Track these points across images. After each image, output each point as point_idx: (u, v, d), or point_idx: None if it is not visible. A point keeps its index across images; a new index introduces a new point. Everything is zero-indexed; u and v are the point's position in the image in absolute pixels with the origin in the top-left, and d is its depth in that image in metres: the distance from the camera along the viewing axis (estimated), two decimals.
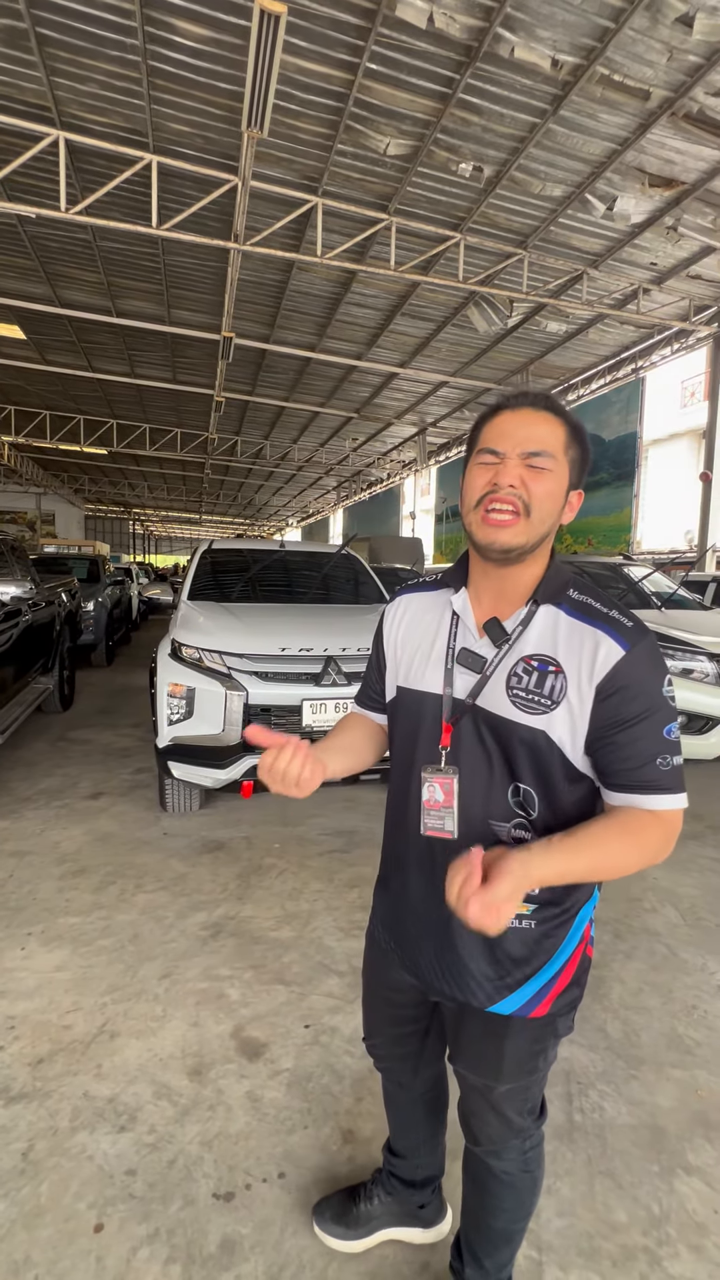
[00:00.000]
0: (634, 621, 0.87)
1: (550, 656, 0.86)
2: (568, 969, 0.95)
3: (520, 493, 0.85)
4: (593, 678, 0.83)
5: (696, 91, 5.41)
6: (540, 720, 0.85)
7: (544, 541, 0.89)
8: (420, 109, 5.75)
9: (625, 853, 0.83)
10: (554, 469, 0.86)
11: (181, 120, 6.06)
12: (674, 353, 10.20)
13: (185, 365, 12.49)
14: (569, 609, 0.88)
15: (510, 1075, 0.98)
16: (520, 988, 0.93)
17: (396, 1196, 1.28)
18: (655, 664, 0.85)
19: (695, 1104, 1.66)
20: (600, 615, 0.87)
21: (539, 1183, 1.10)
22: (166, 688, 3.04)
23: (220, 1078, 1.70)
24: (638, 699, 0.82)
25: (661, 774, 0.83)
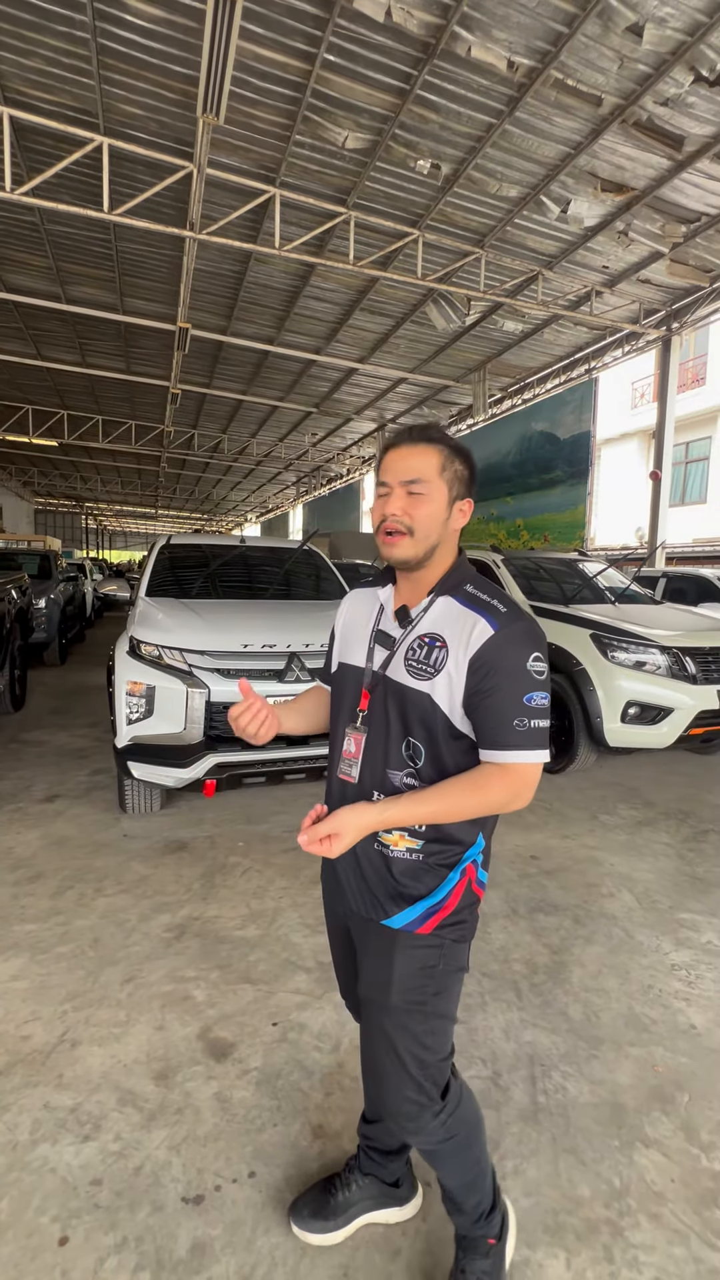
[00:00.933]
0: (509, 609, 1.05)
1: (438, 634, 1.06)
2: (451, 898, 1.10)
3: (403, 519, 1.05)
4: (467, 651, 1.02)
5: (646, 100, 5.57)
6: (425, 685, 1.05)
7: (438, 549, 1.08)
8: (378, 103, 5.74)
9: (464, 800, 1.01)
10: (429, 492, 1.06)
11: (134, 102, 5.89)
12: (625, 354, 10.50)
13: (139, 355, 12.18)
14: (460, 599, 1.07)
15: (398, 987, 1.09)
16: (409, 907, 1.10)
17: (373, 1176, 1.34)
18: (522, 643, 1.02)
19: (652, 1079, 1.72)
20: (482, 603, 1.05)
21: (471, 1137, 1.18)
22: (125, 686, 2.96)
23: (187, 1080, 1.68)
24: (500, 670, 1.00)
25: (516, 734, 1.00)
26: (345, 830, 1.00)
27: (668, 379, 9.63)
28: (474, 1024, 1.92)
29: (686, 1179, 1.45)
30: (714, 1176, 1.46)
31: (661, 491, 9.52)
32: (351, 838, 1.01)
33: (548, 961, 2.25)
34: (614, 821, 3.59)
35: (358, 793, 1.12)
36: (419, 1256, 1.29)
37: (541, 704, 1.01)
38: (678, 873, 2.98)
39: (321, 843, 1.00)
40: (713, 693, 4.01)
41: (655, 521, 9.62)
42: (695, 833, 3.46)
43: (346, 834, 1.00)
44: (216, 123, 5.26)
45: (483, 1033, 1.88)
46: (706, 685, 4.03)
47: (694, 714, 3.94)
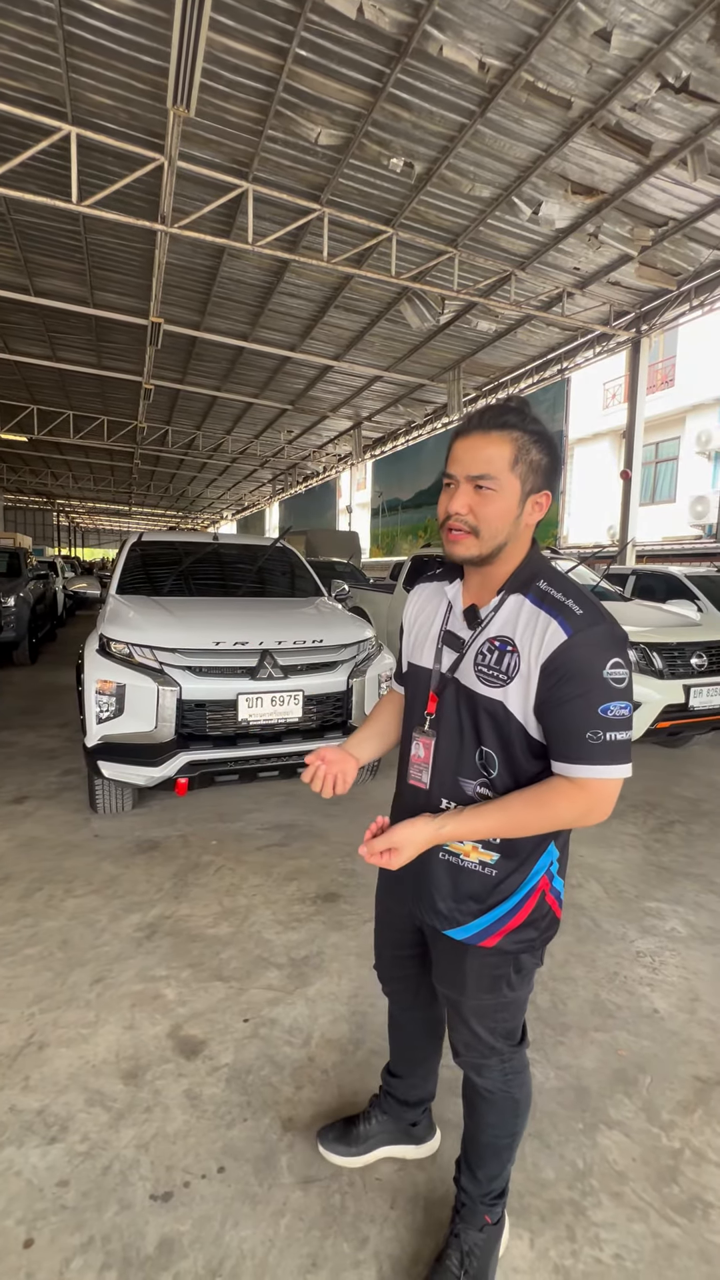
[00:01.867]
0: (586, 610, 0.97)
1: (509, 638, 1.00)
2: (521, 911, 1.08)
3: (467, 518, 0.99)
4: (539, 657, 0.96)
5: (614, 105, 5.66)
6: (498, 692, 1.00)
7: (505, 546, 1.02)
8: (351, 100, 5.74)
9: (528, 815, 0.97)
10: (498, 489, 0.98)
11: (103, 92, 5.80)
12: (596, 355, 10.66)
13: (111, 350, 11.99)
14: (533, 598, 1.00)
15: (472, 991, 1.12)
16: (474, 920, 1.08)
17: (392, 1115, 1.45)
18: (598, 649, 0.94)
19: (616, 1063, 1.77)
20: (555, 603, 0.98)
21: (521, 1106, 1.21)
22: (95, 684, 2.92)
23: (157, 1079, 1.67)
24: (574, 679, 0.93)
25: (590, 747, 0.93)
26: (404, 846, 1.00)
27: (637, 380, 9.80)
28: None
29: (647, 1157, 1.49)
30: (673, 1154, 1.51)
31: (632, 490, 9.70)
32: (410, 853, 1.01)
33: None
34: None
35: (427, 800, 1.09)
36: (386, 1243, 1.30)
37: (621, 714, 0.94)
38: (644, 863, 3.05)
39: (381, 856, 1.01)
40: (679, 687, 4.10)
41: (625, 520, 9.80)
42: (661, 824, 3.54)
43: (405, 849, 1.00)
44: (187, 115, 5.21)
45: None
46: (673, 680, 4.13)
47: (661, 708, 4.03)
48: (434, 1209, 1.37)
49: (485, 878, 1.06)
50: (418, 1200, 1.39)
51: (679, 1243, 1.31)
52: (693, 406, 14.56)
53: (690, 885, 2.82)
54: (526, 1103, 1.23)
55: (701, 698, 4.17)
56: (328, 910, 2.52)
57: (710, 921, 2.52)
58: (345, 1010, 1.94)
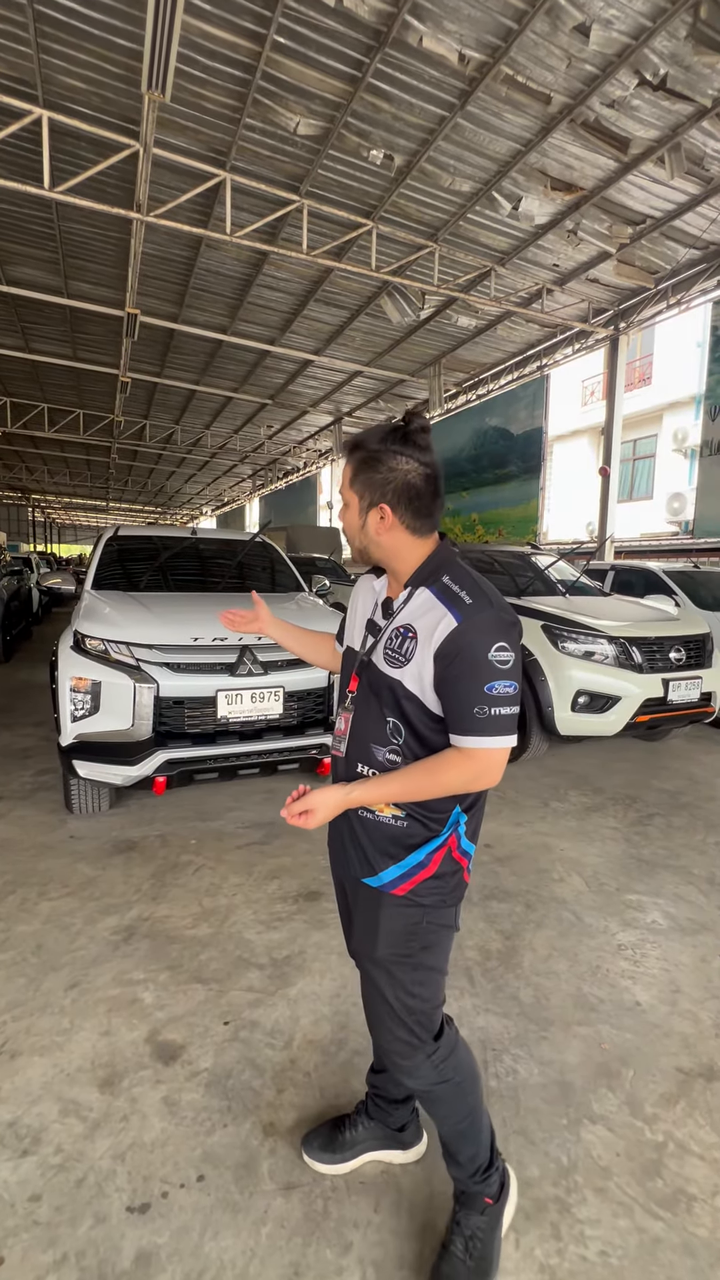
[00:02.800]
0: (476, 599, 1.08)
1: (411, 625, 1.13)
2: (432, 862, 1.17)
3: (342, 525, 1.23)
4: (432, 643, 1.08)
5: (593, 101, 5.66)
6: (397, 672, 1.13)
7: (382, 550, 1.17)
8: (330, 89, 5.67)
9: (424, 781, 1.10)
10: (346, 501, 1.18)
11: (75, 75, 5.65)
12: (575, 352, 10.72)
13: (86, 342, 11.76)
14: (435, 590, 1.12)
15: (384, 941, 1.19)
16: (388, 868, 1.18)
17: (378, 1119, 1.45)
18: (484, 633, 1.06)
19: (599, 1057, 1.76)
20: (451, 596, 1.09)
21: (465, 1085, 1.25)
22: (69, 682, 2.85)
23: (134, 1086, 1.63)
24: (462, 660, 1.05)
25: (476, 720, 1.05)
26: (318, 808, 1.12)
27: (615, 377, 9.88)
28: None
29: (631, 1152, 1.49)
30: (657, 1148, 1.50)
31: (610, 487, 9.78)
32: (324, 815, 1.12)
33: (500, 947, 2.28)
34: (565, 808, 3.67)
35: (346, 767, 1.22)
36: (370, 1249, 1.28)
37: (505, 691, 1.06)
38: (625, 856, 3.07)
39: (299, 817, 1.12)
40: (657, 681, 4.14)
41: (604, 516, 9.88)
42: (641, 817, 3.57)
43: (319, 811, 1.12)
44: (162, 100, 5.10)
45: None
46: (652, 674, 4.16)
47: (640, 702, 4.06)
48: (418, 1211, 1.35)
49: (396, 829, 1.17)
50: (402, 1203, 1.37)
51: (663, 1237, 1.31)
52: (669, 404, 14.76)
53: (670, 877, 2.85)
54: (470, 1080, 1.27)
55: (679, 691, 4.21)
56: (310, 909, 2.49)
57: (690, 913, 2.54)
58: (328, 1010, 1.92)
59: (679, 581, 6.49)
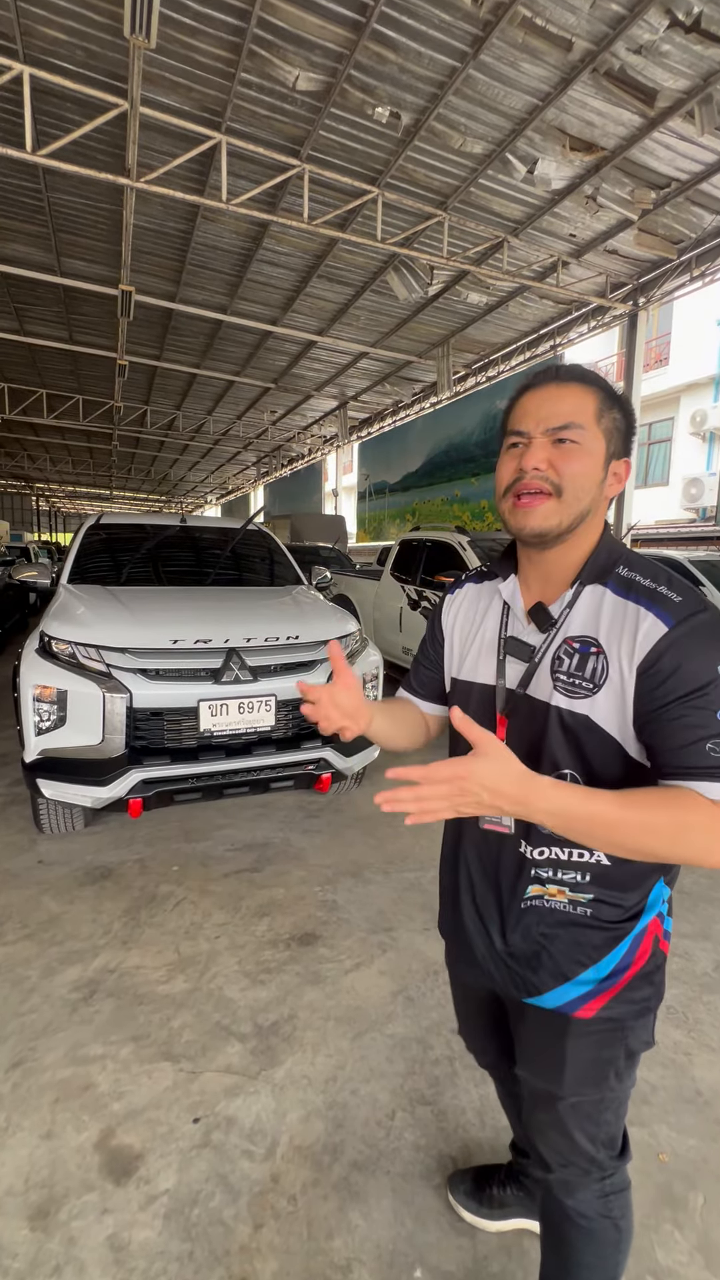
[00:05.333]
0: (685, 596, 0.79)
1: (592, 637, 0.82)
2: (632, 964, 0.88)
3: (548, 474, 0.81)
4: (634, 656, 0.78)
5: (618, 46, 5.18)
6: (583, 704, 0.81)
7: (586, 521, 0.84)
8: (332, 38, 5.21)
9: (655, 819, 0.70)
10: (584, 442, 0.82)
11: (56, 25, 5.22)
12: (591, 329, 10.22)
13: (82, 324, 11.35)
14: (615, 586, 0.83)
15: (572, 1083, 0.91)
16: (568, 982, 0.88)
17: (528, 1190, 1.28)
18: (707, 640, 0.76)
19: (658, 1174, 1.42)
20: (644, 591, 0.81)
21: (624, 1238, 0.99)
22: (31, 690, 2.51)
23: (74, 1217, 1.29)
24: (682, 678, 0.75)
25: (713, 759, 0.72)
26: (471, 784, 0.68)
27: (634, 355, 9.40)
28: (442, 1105, 1.58)
29: None
30: None
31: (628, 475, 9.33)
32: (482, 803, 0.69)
33: None
34: None
35: (503, 843, 0.91)
36: None
37: None
38: None
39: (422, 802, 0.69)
40: None
41: (622, 503, 9.44)
42: None
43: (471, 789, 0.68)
44: (148, 47, 4.67)
45: (452, 1116, 1.55)
46: None
47: None
48: None
49: (579, 925, 0.87)
50: None
51: None
52: (687, 386, 14.21)
53: (717, 914, 2.49)
54: (630, 1232, 1.01)
55: None
56: (304, 957, 2.15)
57: None
58: (320, 1102, 1.58)
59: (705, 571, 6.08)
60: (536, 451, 0.82)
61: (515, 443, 0.84)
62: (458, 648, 0.99)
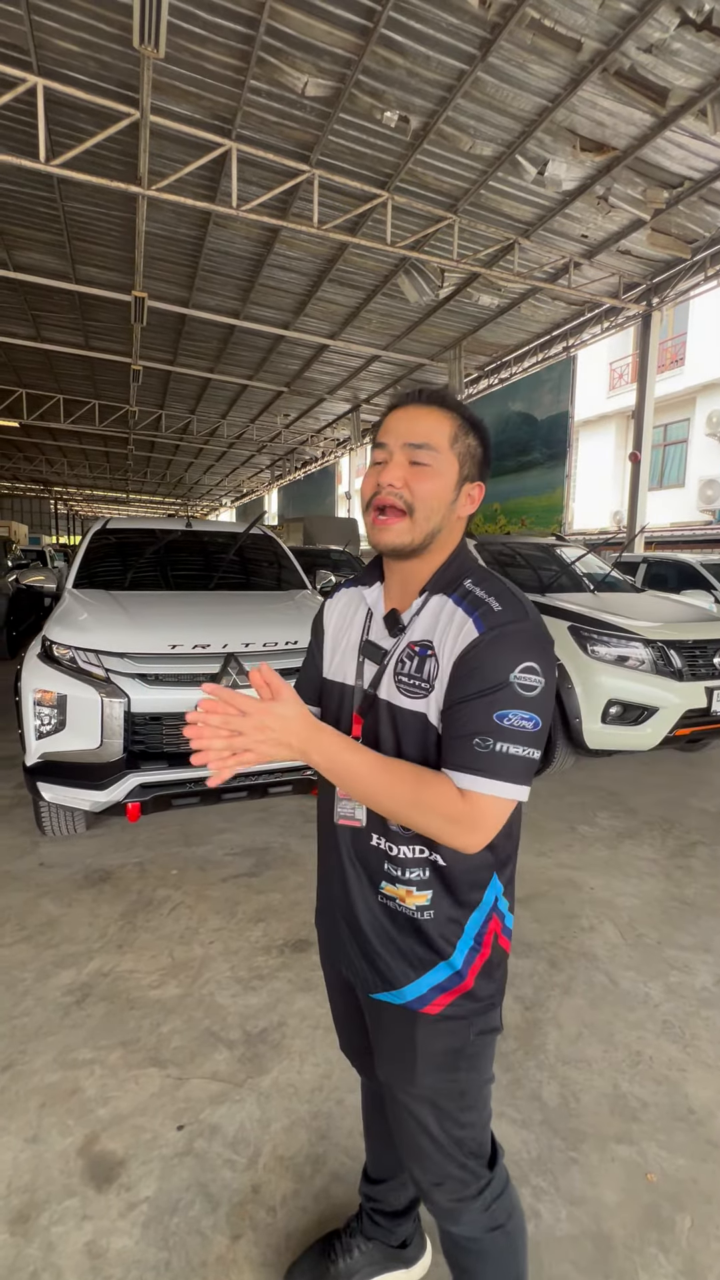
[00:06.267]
0: (507, 607, 0.83)
1: (428, 640, 0.87)
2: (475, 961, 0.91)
3: (401, 492, 0.86)
4: (451, 657, 0.83)
5: (628, 46, 5.14)
6: (420, 704, 0.86)
7: (438, 537, 0.89)
8: (340, 44, 5.23)
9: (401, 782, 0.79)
10: (436, 464, 0.87)
11: (69, 38, 5.30)
12: (604, 330, 10.13)
13: (97, 330, 11.50)
14: (456, 597, 0.87)
15: (425, 1072, 0.91)
16: (413, 981, 0.90)
17: (378, 1240, 1.20)
18: (510, 648, 0.80)
19: (645, 1194, 1.39)
20: (475, 601, 0.85)
21: (518, 1241, 1.00)
22: (32, 694, 2.54)
23: (55, 1222, 1.30)
24: (475, 678, 0.80)
25: (474, 754, 0.78)
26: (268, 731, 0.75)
27: (648, 356, 9.29)
28: None
29: None
30: None
31: (641, 474, 9.23)
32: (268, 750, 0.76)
33: (519, 1021, 1.91)
34: (594, 833, 3.27)
35: (362, 838, 0.93)
36: None
37: (520, 725, 0.78)
38: (665, 896, 2.67)
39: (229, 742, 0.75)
40: (700, 690, 3.70)
41: (635, 505, 9.34)
42: (681, 845, 3.15)
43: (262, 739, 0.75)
44: (157, 56, 4.72)
45: None
46: (693, 681, 3.72)
47: (680, 714, 3.63)
48: None
49: (421, 925, 0.89)
50: None
51: None
52: (703, 386, 14.03)
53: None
54: (521, 1231, 1.01)
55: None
56: (296, 963, 2.15)
57: None
58: (305, 1111, 1.57)
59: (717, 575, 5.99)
60: (394, 469, 0.86)
61: (379, 458, 0.89)
62: (329, 649, 1.03)
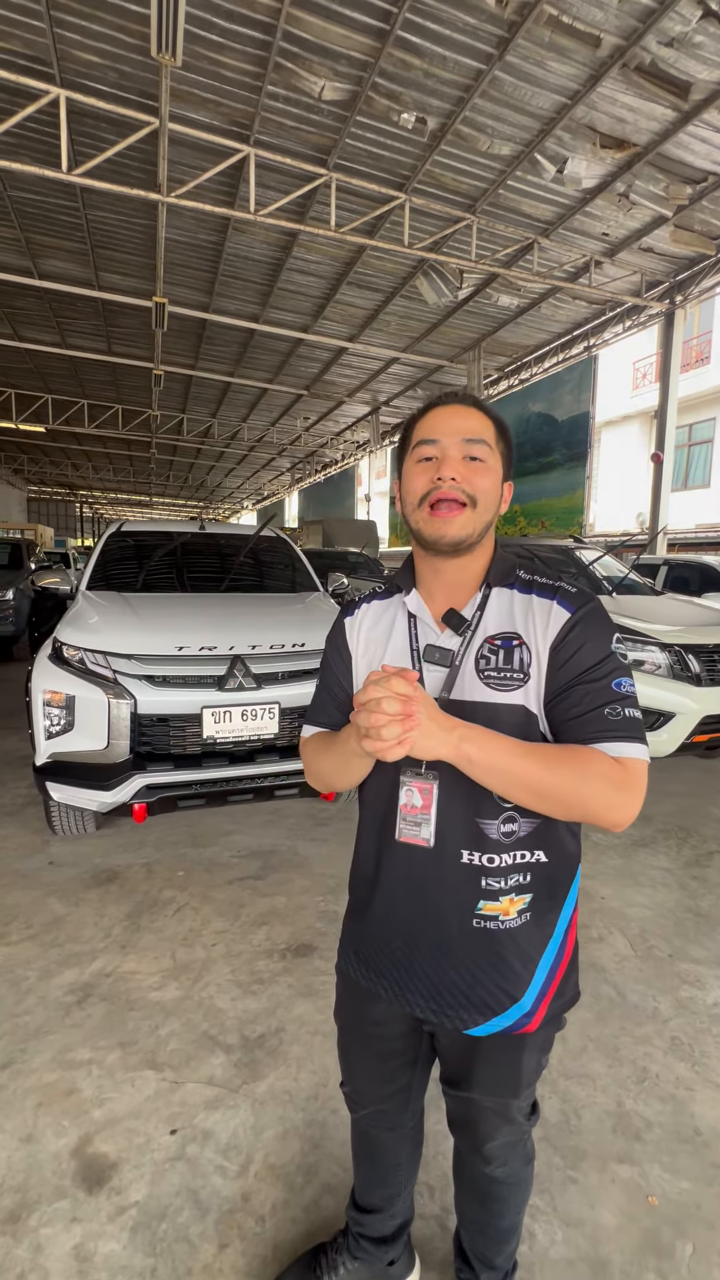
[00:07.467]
0: (578, 588, 0.88)
1: (512, 632, 0.87)
2: (563, 959, 0.92)
3: (464, 486, 0.85)
4: (547, 642, 0.84)
5: (649, 40, 5.06)
6: (518, 695, 0.84)
7: (488, 530, 0.90)
8: (356, 47, 5.24)
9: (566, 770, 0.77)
10: (489, 460, 0.88)
11: (90, 49, 5.40)
12: (626, 330, 9.99)
13: (120, 335, 11.68)
14: (520, 587, 0.90)
15: (527, 1086, 0.96)
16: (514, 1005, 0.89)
17: (365, 1260, 1.17)
18: (602, 623, 0.86)
19: (645, 1217, 1.34)
20: (547, 587, 0.88)
21: (530, 1175, 1.10)
22: (42, 695, 2.57)
23: (44, 1224, 1.30)
24: (585, 654, 0.83)
25: (611, 722, 0.80)
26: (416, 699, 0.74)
27: (670, 355, 9.13)
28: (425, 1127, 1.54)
29: None
30: None
31: (663, 474, 9.06)
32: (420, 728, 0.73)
33: None
34: (607, 841, 3.20)
35: (438, 858, 0.87)
36: None
37: (630, 690, 0.83)
38: (679, 907, 2.59)
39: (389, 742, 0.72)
40: (718, 696, 3.61)
41: (656, 506, 9.17)
42: (698, 855, 3.07)
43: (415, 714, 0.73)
44: (175, 65, 4.79)
45: (433, 1141, 1.50)
46: (712, 687, 3.63)
47: (697, 719, 3.54)
48: None
49: (517, 935, 0.88)
50: None
51: None
52: None
53: None
54: (533, 1166, 1.11)
55: None
56: (298, 968, 2.13)
57: None
58: (299, 1120, 1.55)
59: None
60: (453, 464, 0.85)
61: (428, 455, 0.87)
62: (360, 668, 0.96)
